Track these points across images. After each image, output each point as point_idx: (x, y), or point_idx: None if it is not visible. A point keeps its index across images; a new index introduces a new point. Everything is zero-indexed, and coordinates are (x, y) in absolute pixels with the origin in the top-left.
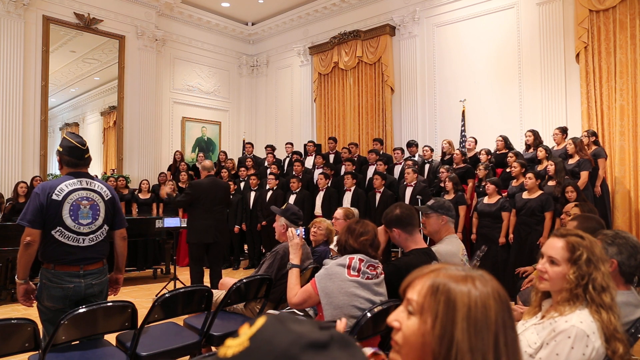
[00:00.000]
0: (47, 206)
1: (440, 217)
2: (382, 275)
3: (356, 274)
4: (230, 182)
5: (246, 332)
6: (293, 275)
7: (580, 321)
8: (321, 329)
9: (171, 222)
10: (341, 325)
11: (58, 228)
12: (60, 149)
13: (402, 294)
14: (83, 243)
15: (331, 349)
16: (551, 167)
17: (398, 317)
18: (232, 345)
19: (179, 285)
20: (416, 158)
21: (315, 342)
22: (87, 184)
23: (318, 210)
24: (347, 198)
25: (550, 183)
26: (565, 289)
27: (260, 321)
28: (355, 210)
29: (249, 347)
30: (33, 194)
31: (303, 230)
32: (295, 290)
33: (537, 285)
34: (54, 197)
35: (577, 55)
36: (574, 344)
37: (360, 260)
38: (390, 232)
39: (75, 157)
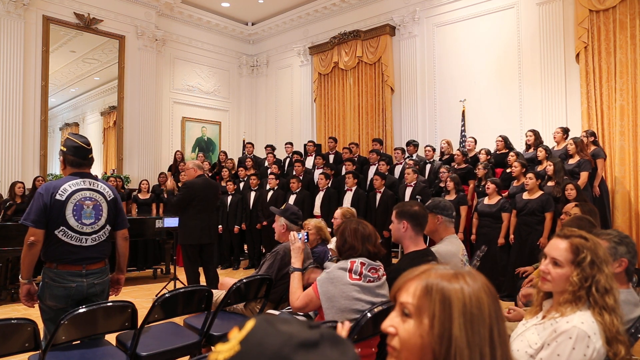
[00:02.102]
0: (50, 206)
1: (436, 217)
2: (384, 277)
3: (358, 277)
4: (230, 182)
5: (236, 335)
6: (295, 279)
7: (581, 322)
8: (310, 328)
9: (171, 222)
10: (344, 329)
11: (61, 228)
12: (64, 149)
13: (392, 299)
14: (86, 243)
15: (322, 347)
16: (550, 168)
17: (393, 323)
18: (223, 350)
19: (179, 285)
20: (414, 157)
21: (306, 341)
22: (90, 184)
23: (317, 210)
24: (348, 198)
25: (550, 183)
26: (568, 290)
27: (250, 324)
28: (354, 210)
29: (240, 350)
30: (37, 193)
31: (305, 233)
32: (297, 294)
33: (539, 286)
34: (58, 197)
35: (577, 55)
36: (575, 344)
37: (362, 264)
38: (397, 222)
39: (79, 157)
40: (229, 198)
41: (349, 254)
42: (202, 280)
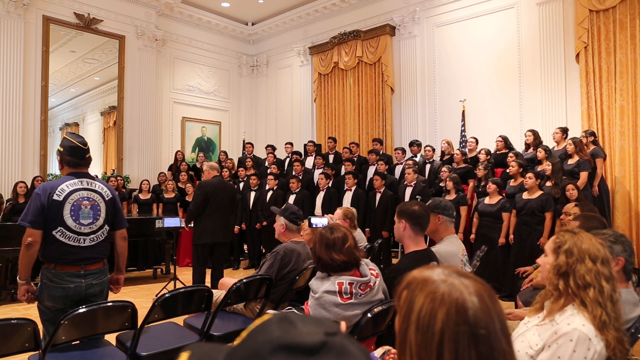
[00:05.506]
0: (48, 206)
1: (437, 217)
2: (378, 279)
3: (349, 296)
4: (230, 182)
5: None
6: None
7: (582, 324)
8: (327, 334)
9: (171, 222)
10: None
11: (59, 228)
12: (61, 149)
13: None
14: (84, 243)
15: (320, 356)
16: (548, 168)
17: None
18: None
19: (179, 285)
20: (418, 158)
21: (300, 345)
22: (88, 184)
23: (318, 210)
24: (347, 198)
25: (548, 184)
26: (548, 279)
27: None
28: (354, 210)
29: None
30: (34, 194)
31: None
32: None
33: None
34: (55, 197)
35: (577, 55)
36: (576, 347)
37: (351, 284)
38: (398, 222)
39: (76, 157)
40: None
41: (320, 265)
42: (207, 281)
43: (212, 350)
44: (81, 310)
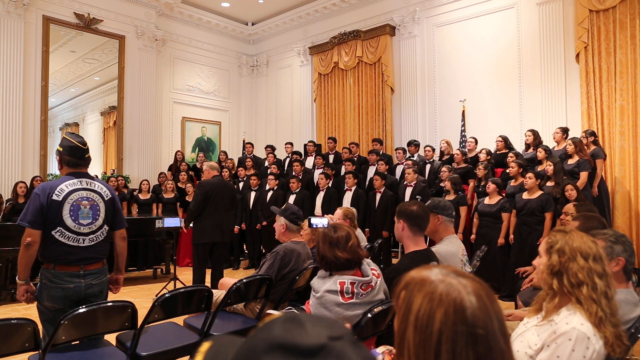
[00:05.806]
0: (47, 207)
1: (436, 217)
2: (379, 280)
3: (350, 296)
4: (230, 182)
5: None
6: None
7: (581, 323)
8: (331, 338)
9: (171, 222)
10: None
11: (58, 228)
12: (61, 149)
13: None
14: (83, 243)
15: (318, 358)
16: (550, 168)
17: None
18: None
19: (179, 285)
20: (415, 158)
21: (299, 347)
22: (87, 184)
23: (318, 210)
24: (347, 198)
25: (549, 184)
26: (543, 279)
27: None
28: (354, 210)
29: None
30: (33, 194)
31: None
32: None
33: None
34: (54, 197)
35: (577, 55)
36: (575, 346)
37: (352, 283)
38: (397, 222)
39: (75, 157)
40: None
41: (323, 264)
42: (207, 281)
43: (229, 344)
44: (81, 310)
